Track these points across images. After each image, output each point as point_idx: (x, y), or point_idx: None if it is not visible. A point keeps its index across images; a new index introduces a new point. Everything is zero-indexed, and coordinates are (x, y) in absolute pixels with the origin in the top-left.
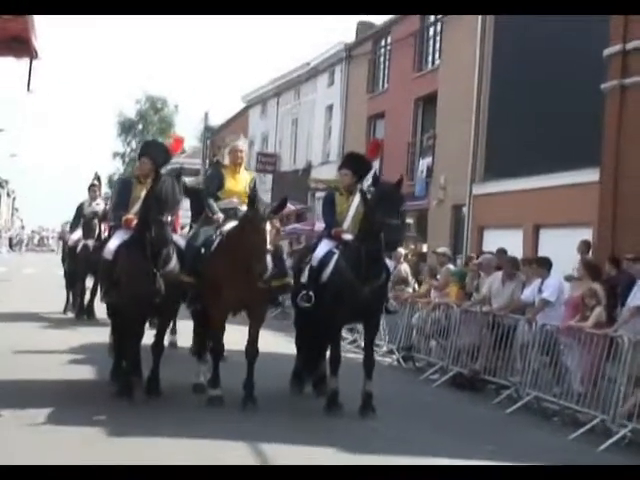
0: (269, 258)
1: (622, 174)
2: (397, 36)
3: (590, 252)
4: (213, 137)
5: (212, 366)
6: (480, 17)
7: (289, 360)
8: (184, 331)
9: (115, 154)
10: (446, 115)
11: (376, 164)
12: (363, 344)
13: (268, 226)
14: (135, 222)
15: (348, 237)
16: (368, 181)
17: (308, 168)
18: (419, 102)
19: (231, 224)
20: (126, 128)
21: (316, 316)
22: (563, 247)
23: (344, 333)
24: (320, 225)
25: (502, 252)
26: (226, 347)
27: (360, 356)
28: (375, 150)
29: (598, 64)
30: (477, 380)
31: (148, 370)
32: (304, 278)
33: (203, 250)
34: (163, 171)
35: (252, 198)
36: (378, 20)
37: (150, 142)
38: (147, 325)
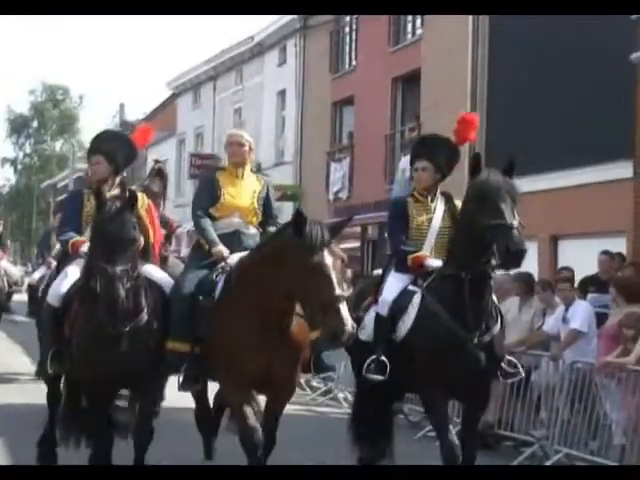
0: (345, 307)
1: None
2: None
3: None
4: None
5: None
6: None
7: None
8: None
9: (4, 160)
10: (433, 99)
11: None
12: (460, 423)
13: (330, 258)
14: (85, 246)
15: (435, 263)
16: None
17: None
18: (397, 83)
19: (239, 254)
20: (17, 127)
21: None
22: (589, 263)
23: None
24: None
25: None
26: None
27: (336, 410)
28: (469, 131)
29: (626, 30)
30: (490, 435)
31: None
32: (365, 334)
33: (201, 297)
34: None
35: (300, 218)
36: None
37: (104, 134)
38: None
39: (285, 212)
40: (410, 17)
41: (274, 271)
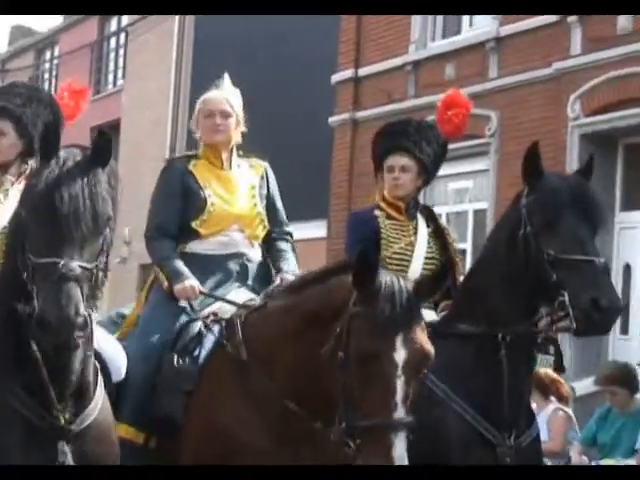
0: (403, 442)
1: None
2: (67, 47)
3: None
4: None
5: None
6: (176, 23)
7: None
8: None
9: None
10: (132, 152)
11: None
12: None
13: (403, 352)
14: None
15: (427, 315)
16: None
17: None
18: (96, 132)
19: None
20: None
21: None
22: None
23: None
24: None
25: None
26: None
27: None
28: (462, 118)
29: (327, 94)
30: None
31: None
32: None
33: (175, 357)
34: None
35: (365, 262)
36: (42, 25)
37: (16, 87)
38: None
39: None
40: (112, 67)
41: (304, 346)
